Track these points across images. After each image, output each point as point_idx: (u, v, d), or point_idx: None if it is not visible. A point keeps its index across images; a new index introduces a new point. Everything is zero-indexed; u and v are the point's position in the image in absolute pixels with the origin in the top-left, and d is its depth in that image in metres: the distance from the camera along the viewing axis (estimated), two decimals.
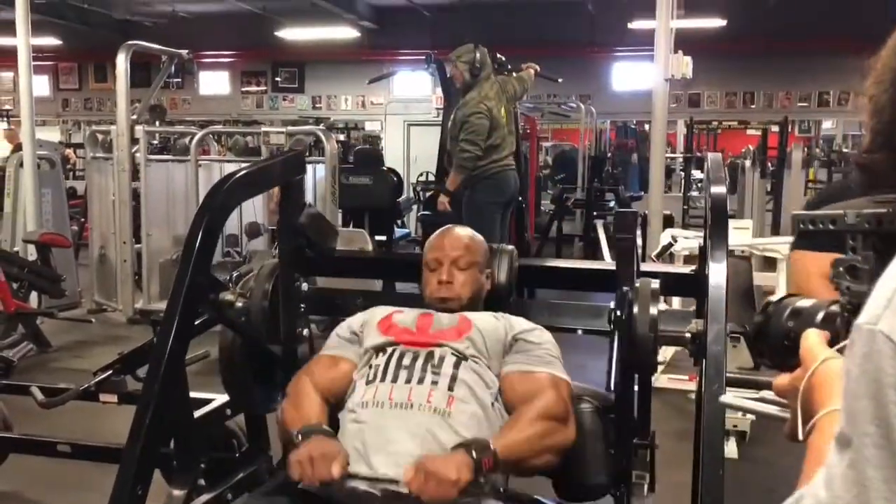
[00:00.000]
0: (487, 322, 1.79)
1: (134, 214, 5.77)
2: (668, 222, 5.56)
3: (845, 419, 0.52)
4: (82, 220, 7.30)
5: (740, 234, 4.22)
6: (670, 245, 4.14)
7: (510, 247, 2.01)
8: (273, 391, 2.22)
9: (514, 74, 5.37)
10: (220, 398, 2.51)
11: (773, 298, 1.50)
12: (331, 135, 6.06)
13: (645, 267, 1.99)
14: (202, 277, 1.80)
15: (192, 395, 2.08)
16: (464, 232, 1.94)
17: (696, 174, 10.46)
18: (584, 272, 2.18)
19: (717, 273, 1.61)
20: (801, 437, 0.69)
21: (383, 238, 6.44)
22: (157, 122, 6.42)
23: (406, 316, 1.81)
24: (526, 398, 1.68)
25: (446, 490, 1.44)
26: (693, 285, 1.83)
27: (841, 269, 0.75)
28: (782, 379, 0.76)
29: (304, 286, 2.00)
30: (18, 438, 3.01)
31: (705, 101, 10.58)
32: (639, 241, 3.17)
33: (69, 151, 11.06)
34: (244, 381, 2.11)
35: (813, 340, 0.75)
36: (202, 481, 2.07)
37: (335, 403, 1.77)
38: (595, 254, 7.35)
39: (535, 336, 1.79)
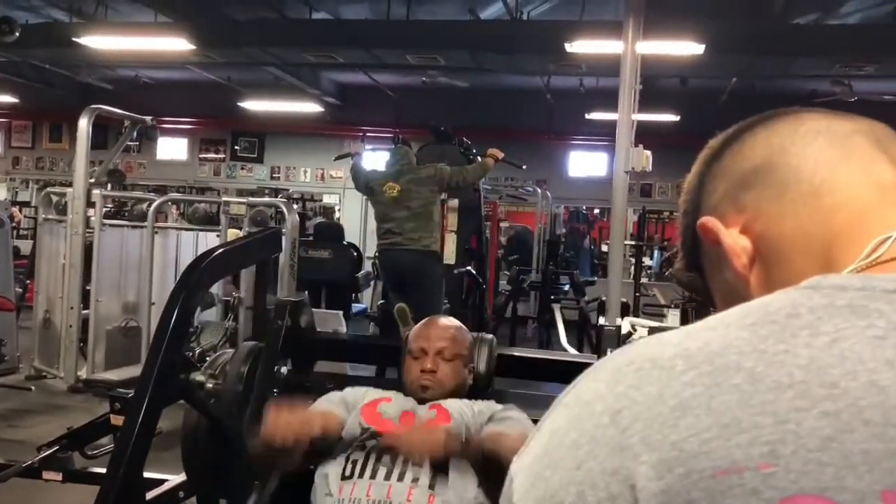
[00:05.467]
0: (464, 410, 1.76)
1: (83, 279, 5.61)
2: (623, 310, 5.63)
3: None
4: (27, 281, 7.06)
5: None
6: (630, 335, 4.17)
7: (490, 336, 2.00)
8: (234, 476, 2.14)
9: (475, 161, 5.51)
10: (173, 479, 2.42)
11: None
12: (293, 207, 6.05)
13: None
14: (175, 356, 1.74)
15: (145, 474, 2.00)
16: (451, 323, 1.92)
17: (646, 261, 10.68)
18: (564, 364, 2.18)
19: None
20: None
21: (339, 312, 6.37)
22: (110, 187, 6.32)
23: (391, 408, 1.77)
24: None
25: (433, 442, 1.48)
26: None
27: None
28: None
29: (284, 370, 1.95)
30: None
31: (656, 191, 10.90)
32: None
33: (14, 210, 10.80)
34: (206, 465, 2.03)
35: None
36: None
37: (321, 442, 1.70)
38: (550, 337, 7.38)
39: (514, 413, 1.76)
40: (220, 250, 1.88)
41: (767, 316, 0.48)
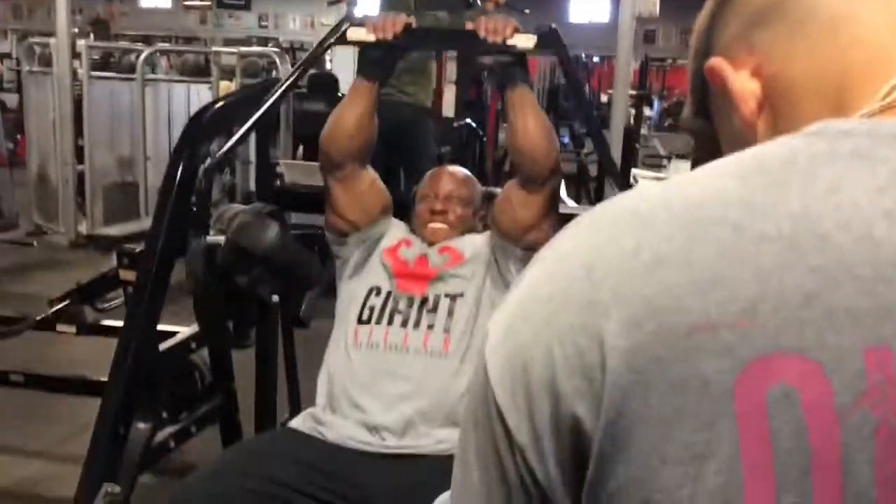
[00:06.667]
0: (475, 240, 1.78)
1: (75, 134, 5.51)
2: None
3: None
4: (17, 136, 6.95)
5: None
6: (632, 186, 4.16)
7: (498, 189, 1.98)
8: (246, 327, 2.18)
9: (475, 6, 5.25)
10: (185, 331, 2.47)
11: None
12: (285, 57, 5.86)
13: None
14: (182, 210, 1.73)
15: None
16: (459, 170, 1.92)
17: (647, 112, 10.52)
18: (567, 218, 2.16)
19: None
20: None
21: None
22: (93, 37, 6.06)
23: (410, 251, 1.77)
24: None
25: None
26: None
27: None
28: None
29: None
30: None
31: (661, 37, 10.58)
32: None
33: None
34: (218, 317, 2.06)
35: None
36: (165, 414, 2.05)
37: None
38: None
39: None
40: (221, 103, 1.83)
41: (763, 165, 0.45)
